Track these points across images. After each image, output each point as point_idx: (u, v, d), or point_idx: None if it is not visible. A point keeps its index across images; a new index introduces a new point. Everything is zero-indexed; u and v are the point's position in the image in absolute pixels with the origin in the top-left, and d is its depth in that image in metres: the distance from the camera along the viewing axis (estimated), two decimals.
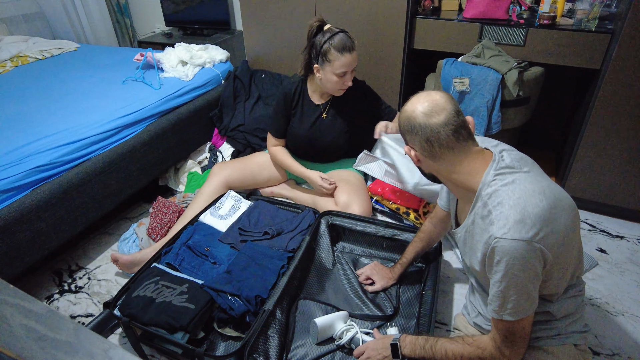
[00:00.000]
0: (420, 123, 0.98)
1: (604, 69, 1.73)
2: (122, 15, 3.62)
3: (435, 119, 0.97)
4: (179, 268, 1.51)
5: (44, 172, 1.61)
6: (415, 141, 1.02)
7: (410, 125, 1.00)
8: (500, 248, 0.88)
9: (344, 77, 1.70)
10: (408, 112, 1.01)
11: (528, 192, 0.90)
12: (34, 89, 2.22)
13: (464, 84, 1.88)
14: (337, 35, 1.66)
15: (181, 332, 1.25)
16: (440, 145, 0.98)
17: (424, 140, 0.99)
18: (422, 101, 1.00)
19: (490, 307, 0.97)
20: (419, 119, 0.98)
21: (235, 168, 1.98)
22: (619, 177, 1.88)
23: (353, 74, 1.74)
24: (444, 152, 0.99)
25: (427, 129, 0.97)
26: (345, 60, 1.65)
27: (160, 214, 1.89)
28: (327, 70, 1.70)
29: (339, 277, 1.62)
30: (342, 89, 1.76)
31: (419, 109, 0.99)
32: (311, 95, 1.89)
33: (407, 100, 1.05)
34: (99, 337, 0.59)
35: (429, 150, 1.00)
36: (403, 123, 1.03)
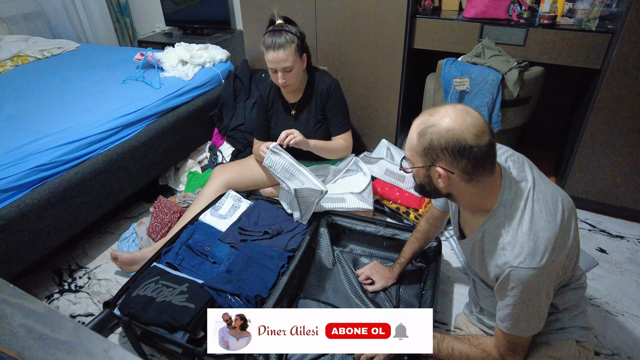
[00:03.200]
0: (472, 145, 0.85)
1: (604, 69, 1.73)
2: (122, 15, 3.62)
3: (483, 140, 0.86)
4: (179, 267, 1.51)
5: (44, 171, 1.61)
6: (455, 163, 0.88)
7: (458, 146, 0.86)
8: (516, 276, 0.89)
9: (275, 74, 1.71)
10: (454, 129, 0.86)
11: (537, 215, 0.91)
12: (34, 88, 2.22)
13: (464, 84, 1.88)
14: (273, 31, 1.68)
15: (181, 331, 1.25)
16: (483, 169, 0.89)
17: (471, 164, 0.87)
18: (465, 117, 0.87)
19: (500, 323, 0.98)
20: (469, 140, 0.85)
21: (235, 170, 1.99)
22: (619, 177, 1.88)
23: (292, 75, 1.71)
24: (482, 175, 0.90)
25: (480, 152, 0.86)
26: (270, 57, 1.67)
27: (161, 213, 1.89)
28: (267, 62, 1.72)
29: (339, 277, 1.62)
30: (284, 87, 1.76)
31: (468, 127, 0.86)
32: (285, 95, 1.90)
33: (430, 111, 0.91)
34: (98, 337, 0.59)
35: (470, 173, 0.89)
36: (442, 141, 0.87)
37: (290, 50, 1.66)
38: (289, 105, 1.90)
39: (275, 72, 1.70)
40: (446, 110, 0.89)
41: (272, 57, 1.66)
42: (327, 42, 2.14)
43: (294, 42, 1.67)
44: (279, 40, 1.65)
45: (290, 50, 1.66)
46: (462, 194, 0.96)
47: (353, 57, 2.22)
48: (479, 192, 0.94)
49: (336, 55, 2.25)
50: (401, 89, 2.20)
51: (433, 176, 0.94)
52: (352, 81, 2.25)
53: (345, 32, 2.16)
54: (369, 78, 2.23)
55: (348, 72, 2.26)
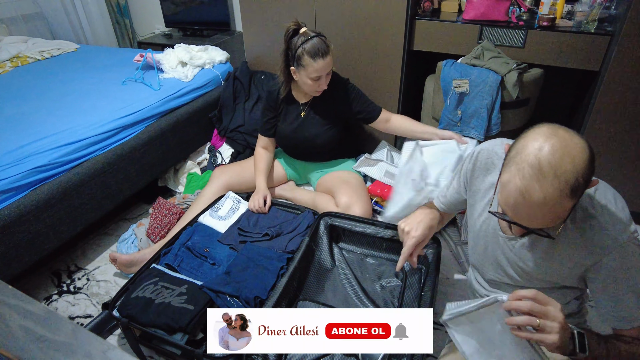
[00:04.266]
0: (586, 142, 0.81)
1: (604, 71, 1.73)
2: (122, 16, 3.62)
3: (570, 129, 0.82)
4: (178, 269, 1.51)
5: (43, 172, 1.61)
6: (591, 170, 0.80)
7: (591, 152, 0.81)
8: (632, 251, 0.84)
9: (318, 81, 1.72)
10: (589, 155, 0.80)
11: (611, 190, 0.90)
12: (33, 89, 2.22)
13: (464, 86, 1.88)
14: (311, 40, 1.66)
15: (180, 333, 1.24)
16: None
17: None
18: (569, 142, 0.80)
19: (615, 319, 0.90)
20: (582, 142, 0.80)
21: (235, 171, 1.99)
22: (618, 179, 1.88)
23: (329, 77, 1.76)
24: None
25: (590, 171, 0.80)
26: (318, 66, 1.67)
27: (160, 215, 1.89)
28: (302, 74, 1.73)
29: (339, 278, 1.62)
30: (319, 91, 1.79)
31: (575, 139, 0.80)
32: (296, 95, 1.92)
33: (548, 164, 0.77)
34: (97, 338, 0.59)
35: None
36: (593, 167, 0.80)
37: (331, 53, 1.71)
38: (297, 104, 1.92)
39: (319, 79, 1.71)
40: (553, 156, 0.77)
41: (322, 65, 1.67)
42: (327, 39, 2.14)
43: (330, 46, 1.71)
44: (323, 47, 1.67)
45: (331, 53, 1.71)
46: None
47: (353, 58, 2.22)
48: None
49: (336, 57, 2.24)
50: (401, 90, 2.20)
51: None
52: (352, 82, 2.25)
53: (345, 34, 2.17)
54: (368, 80, 2.24)
55: (348, 73, 2.26)
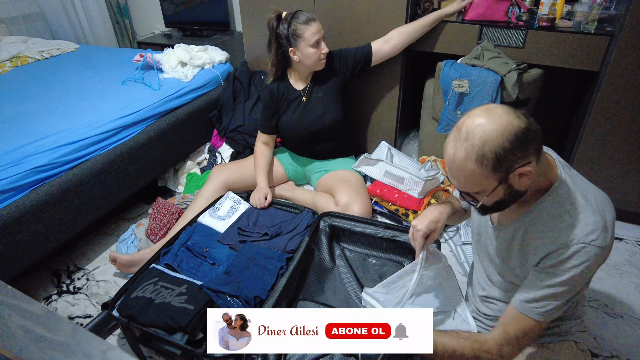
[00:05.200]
0: (523, 128, 0.80)
1: (603, 71, 1.73)
2: (122, 16, 3.62)
3: (522, 116, 0.82)
4: (177, 269, 1.51)
5: (43, 172, 1.61)
6: (527, 152, 0.81)
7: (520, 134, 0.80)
8: (584, 254, 0.85)
9: (319, 47, 1.80)
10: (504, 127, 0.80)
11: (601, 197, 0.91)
12: (33, 89, 2.22)
13: (463, 86, 1.88)
14: (296, 12, 1.79)
15: (180, 333, 1.24)
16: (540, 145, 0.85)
17: (537, 141, 0.83)
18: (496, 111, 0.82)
19: (526, 305, 0.92)
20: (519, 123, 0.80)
21: (233, 170, 1.99)
22: (618, 179, 1.88)
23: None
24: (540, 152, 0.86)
25: (532, 130, 0.81)
26: (314, 29, 1.76)
27: (159, 215, 1.89)
28: (302, 46, 1.79)
29: (339, 278, 1.62)
30: (323, 60, 1.85)
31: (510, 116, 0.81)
32: (294, 82, 1.96)
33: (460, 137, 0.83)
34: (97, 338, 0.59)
35: (540, 151, 0.85)
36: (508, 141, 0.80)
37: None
38: (296, 92, 1.95)
39: (318, 43, 1.79)
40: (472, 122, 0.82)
41: (316, 27, 1.77)
42: (326, 43, 2.13)
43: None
44: (310, 14, 1.79)
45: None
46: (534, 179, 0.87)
47: None
48: (543, 168, 0.89)
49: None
50: (400, 90, 2.20)
51: (514, 183, 0.85)
52: (352, 82, 2.25)
53: (345, 33, 2.17)
54: (368, 80, 2.24)
55: None
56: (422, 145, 2.31)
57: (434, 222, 1.14)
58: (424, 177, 1.89)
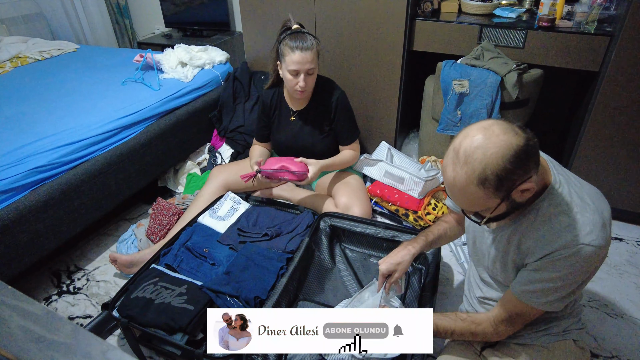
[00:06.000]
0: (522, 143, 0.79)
1: (603, 71, 1.73)
2: (122, 16, 3.62)
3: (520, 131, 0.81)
4: (177, 269, 1.51)
5: (43, 172, 1.61)
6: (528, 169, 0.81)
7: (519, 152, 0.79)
8: (584, 254, 0.85)
9: (297, 78, 1.66)
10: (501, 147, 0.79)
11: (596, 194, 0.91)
12: (33, 89, 2.22)
13: (464, 86, 1.88)
14: (296, 34, 1.64)
15: (180, 333, 1.24)
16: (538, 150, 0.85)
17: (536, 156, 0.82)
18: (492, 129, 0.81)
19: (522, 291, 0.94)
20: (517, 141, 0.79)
21: (234, 170, 1.98)
22: (618, 180, 1.88)
23: (311, 79, 1.69)
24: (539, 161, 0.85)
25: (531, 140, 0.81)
26: (295, 58, 1.61)
27: (159, 215, 1.89)
28: (283, 67, 1.69)
29: (339, 278, 1.62)
30: (299, 92, 1.70)
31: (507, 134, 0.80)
32: (288, 102, 1.89)
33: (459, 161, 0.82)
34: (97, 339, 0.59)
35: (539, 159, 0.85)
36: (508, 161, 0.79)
37: (314, 52, 1.65)
38: (292, 112, 1.89)
39: (297, 75, 1.65)
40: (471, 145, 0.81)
41: (299, 58, 1.61)
42: (326, 44, 2.14)
43: (315, 46, 1.66)
44: (305, 42, 1.62)
45: (314, 52, 1.65)
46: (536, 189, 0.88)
47: (353, 59, 2.22)
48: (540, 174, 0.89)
49: (336, 58, 2.25)
50: (400, 91, 2.20)
51: (516, 198, 0.85)
52: (352, 83, 2.25)
53: (345, 34, 2.17)
54: (368, 80, 2.24)
55: (347, 74, 2.26)
56: (422, 146, 2.31)
57: (394, 264, 1.24)
58: (424, 177, 1.89)
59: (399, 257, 1.25)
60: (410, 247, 1.26)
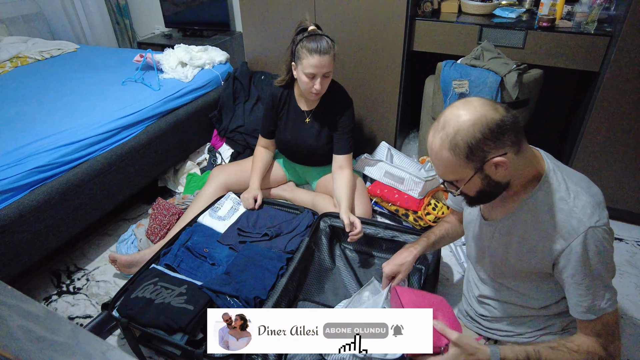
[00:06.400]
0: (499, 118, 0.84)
1: (603, 72, 1.73)
2: (122, 16, 3.62)
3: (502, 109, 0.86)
4: (177, 269, 1.51)
5: (43, 172, 1.61)
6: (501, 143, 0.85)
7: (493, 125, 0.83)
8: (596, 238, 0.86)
9: (312, 80, 1.65)
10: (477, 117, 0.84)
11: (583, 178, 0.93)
12: (33, 89, 2.22)
13: (463, 86, 1.88)
14: (314, 36, 1.62)
15: (180, 333, 1.24)
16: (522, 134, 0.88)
17: (513, 133, 0.85)
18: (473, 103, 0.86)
19: (580, 310, 0.92)
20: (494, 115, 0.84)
21: (234, 171, 1.98)
22: (618, 180, 1.88)
23: (327, 81, 1.69)
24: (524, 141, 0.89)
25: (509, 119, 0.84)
26: (313, 62, 1.60)
27: (159, 215, 1.89)
28: (299, 69, 1.67)
29: (339, 278, 1.62)
30: (314, 94, 1.69)
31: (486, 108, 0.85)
32: (298, 101, 1.87)
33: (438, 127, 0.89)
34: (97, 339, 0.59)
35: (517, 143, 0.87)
36: (481, 132, 0.84)
37: (332, 56, 1.64)
38: (303, 112, 1.87)
39: (313, 77, 1.63)
40: (450, 113, 0.87)
41: (318, 62, 1.60)
42: None
43: (332, 49, 1.64)
44: (324, 45, 1.60)
45: (332, 56, 1.64)
46: (518, 172, 0.92)
47: (352, 59, 2.22)
48: (528, 160, 0.92)
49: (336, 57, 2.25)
50: (400, 91, 2.20)
51: (490, 173, 0.89)
52: (352, 83, 2.25)
53: (345, 34, 2.17)
54: (368, 80, 2.24)
55: (347, 74, 2.26)
56: (422, 146, 2.31)
57: (397, 265, 1.26)
58: (423, 178, 1.89)
59: (401, 259, 1.27)
60: (412, 249, 1.28)
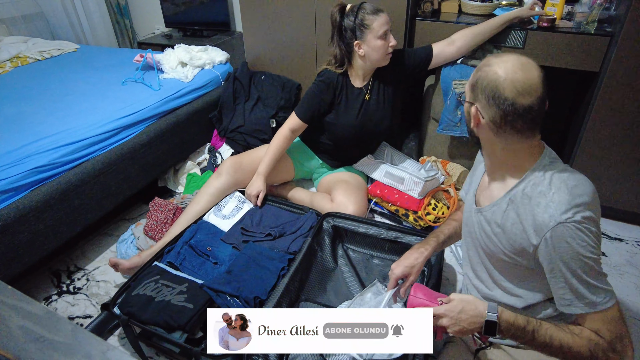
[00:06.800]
0: (507, 97, 0.87)
1: (603, 72, 1.73)
2: (122, 16, 3.62)
3: (523, 100, 0.86)
4: (180, 267, 1.51)
5: (43, 172, 1.61)
6: (487, 109, 0.91)
7: (494, 93, 0.88)
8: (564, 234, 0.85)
9: (386, 39, 1.72)
10: (499, 76, 0.87)
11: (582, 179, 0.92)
12: (33, 89, 2.22)
13: (463, 86, 1.88)
14: (362, 4, 1.72)
15: (179, 331, 1.24)
16: (512, 127, 0.90)
17: (499, 116, 0.89)
18: (518, 71, 0.86)
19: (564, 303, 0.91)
20: (507, 92, 0.87)
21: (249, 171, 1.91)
22: (618, 179, 1.88)
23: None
24: (510, 134, 0.91)
25: (510, 108, 0.87)
26: (382, 20, 1.69)
27: (156, 212, 1.89)
28: (369, 39, 1.71)
29: (341, 279, 1.62)
30: (389, 53, 1.76)
31: (513, 81, 0.86)
32: (354, 82, 1.88)
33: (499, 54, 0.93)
34: (97, 339, 0.59)
35: (497, 125, 0.91)
36: (484, 83, 0.90)
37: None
38: (358, 90, 1.88)
39: (386, 35, 1.71)
40: (509, 57, 0.90)
41: (384, 19, 1.70)
42: (326, 43, 2.13)
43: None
44: (376, 6, 1.71)
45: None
46: (488, 145, 0.98)
47: None
48: (508, 148, 0.95)
49: None
50: None
51: (471, 114, 0.96)
52: None
53: None
54: None
55: None
56: (422, 146, 2.31)
57: (408, 267, 1.22)
58: (423, 178, 1.89)
59: (412, 260, 1.23)
60: (422, 250, 1.24)
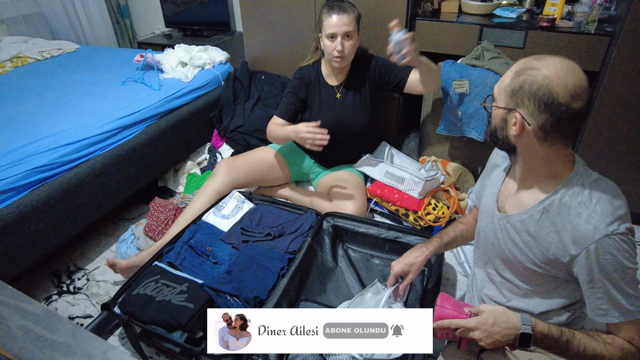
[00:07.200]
0: (562, 103, 0.81)
1: (604, 71, 1.73)
2: (122, 16, 3.62)
3: (576, 105, 0.81)
4: (180, 267, 1.51)
5: (43, 172, 1.61)
6: (536, 115, 0.84)
7: (547, 98, 0.81)
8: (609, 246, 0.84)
9: (334, 41, 1.68)
10: (551, 80, 0.81)
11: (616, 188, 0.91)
12: (33, 89, 2.22)
13: (464, 86, 1.88)
14: (334, 1, 1.70)
15: (179, 331, 1.25)
16: (561, 134, 0.85)
17: (551, 122, 0.83)
18: (569, 75, 0.81)
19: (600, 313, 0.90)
20: (561, 97, 0.80)
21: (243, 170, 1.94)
22: (619, 180, 1.86)
23: (350, 45, 1.70)
24: (557, 140, 0.86)
25: (565, 114, 0.81)
26: (332, 21, 1.65)
27: (156, 212, 1.89)
28: (323, 35, 1.71)
29: (341, 279, 1.62)
30: (337, 58, 1.71)
31: (567, 85, 0.80)
32: (327, 78, 1.88)
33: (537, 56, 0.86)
34: (97, 339, 0.59)
35: (547, 132, 0.85)
36: (533, 87, 0.83)
37: (352, 17, 1.68)
38: (333, 88, 1.88)
39: (334, 38, 1.67)
40: (553, 59, 0.84)
41: (336, 20, 1.65)
42: None
43: (353, 12, 1.70)
44: (342, 5, 1.68)
45: (352, 17, 1.68)
46: (529, 153, 0.91)
47: None
48: (549, 157, 0.90)
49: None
50: None
51: (509, 121, 0.89)
52: None
53: None
54: None
55: None
56: (423, 146, 2.31)
57: (408, 265, 1.23)
58: (424, 178, 1.89)
59: (412, 258, 1.23)
60: (424, 249, 1.24)
